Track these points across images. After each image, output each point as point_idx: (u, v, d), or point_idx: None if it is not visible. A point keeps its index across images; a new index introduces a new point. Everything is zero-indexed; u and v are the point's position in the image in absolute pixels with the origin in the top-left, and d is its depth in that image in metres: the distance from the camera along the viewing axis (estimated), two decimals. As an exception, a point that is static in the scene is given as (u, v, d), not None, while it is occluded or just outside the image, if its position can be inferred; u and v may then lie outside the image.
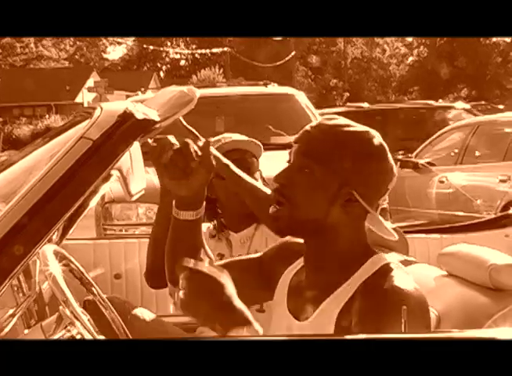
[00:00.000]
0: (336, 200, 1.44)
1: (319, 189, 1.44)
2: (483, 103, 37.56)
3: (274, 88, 6.51)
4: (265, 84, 6.49)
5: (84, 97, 35.77)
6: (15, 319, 1.63)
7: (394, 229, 2.63)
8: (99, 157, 1.44)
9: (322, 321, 1.45)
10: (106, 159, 1.45)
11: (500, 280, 1.68)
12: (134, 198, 2.03)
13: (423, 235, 2.84)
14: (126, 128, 1.45)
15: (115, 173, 1.84)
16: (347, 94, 55.79)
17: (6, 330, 1.57)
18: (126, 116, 1.46)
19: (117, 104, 1.55)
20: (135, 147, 1.98)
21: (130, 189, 1.97)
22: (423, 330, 1.39)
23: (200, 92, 1.64)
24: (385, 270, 1.45)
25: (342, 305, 1.44)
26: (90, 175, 1.45)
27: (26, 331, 1.65)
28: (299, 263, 1.60)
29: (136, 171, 2.04)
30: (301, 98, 6.30)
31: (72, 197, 1.44)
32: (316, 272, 1.52)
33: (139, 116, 1.47)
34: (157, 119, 1.49)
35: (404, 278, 1.44)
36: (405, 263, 2.19)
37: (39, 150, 2.02)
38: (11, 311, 1.63)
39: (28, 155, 2.04)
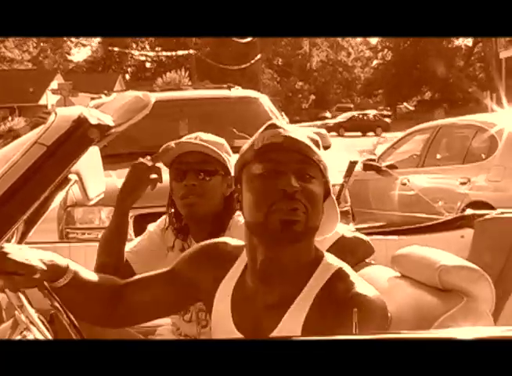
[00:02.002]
0: None
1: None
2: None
3: (238, 92, 6.54)
4: (229, 88, 6.51)
5: (48, 99, 35.38)
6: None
7: (356, 232, 2.66)
8: (53, 162, 1.44)
9: None
10: (61, 164, 1.46)
11: (448, 280, 1.71)
12: (93, 202, 2.03)
13: (381, 237, 2.88)
14: (80, 134, 1.45)
15: (73, 177, 1.85)
16: (312, 97, 56.17)
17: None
18: (80, 121, 1.47)
19: (71, 109, 1.55)
20: (94, 151, 1.98)
21: (88, 192, 1.98)
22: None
23: (156, 97, 1.65)
24: (339, 276, 1.45)
25: (303, 321, 1.42)
26: (45, 180, 1.45)
27: (-19, 336, 1.64)
28: (238, 271, 1.57)
29: (95, 175, 2.04)
30: (265, 101, 6.35)
31: (26, 201, 1.45)
32: (265, 281, 1.48)
33: (94, 121, 1.47)
34: (112, 124, 1.50)
35: (360, 283, 1.44)
36: (362, 265, 2.23)
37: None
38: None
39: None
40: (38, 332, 1.49)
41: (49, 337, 1.51)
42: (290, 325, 1.44)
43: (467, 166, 6.64)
